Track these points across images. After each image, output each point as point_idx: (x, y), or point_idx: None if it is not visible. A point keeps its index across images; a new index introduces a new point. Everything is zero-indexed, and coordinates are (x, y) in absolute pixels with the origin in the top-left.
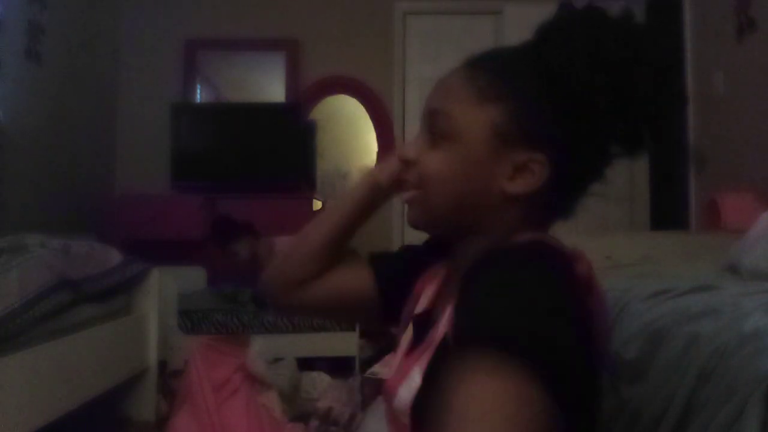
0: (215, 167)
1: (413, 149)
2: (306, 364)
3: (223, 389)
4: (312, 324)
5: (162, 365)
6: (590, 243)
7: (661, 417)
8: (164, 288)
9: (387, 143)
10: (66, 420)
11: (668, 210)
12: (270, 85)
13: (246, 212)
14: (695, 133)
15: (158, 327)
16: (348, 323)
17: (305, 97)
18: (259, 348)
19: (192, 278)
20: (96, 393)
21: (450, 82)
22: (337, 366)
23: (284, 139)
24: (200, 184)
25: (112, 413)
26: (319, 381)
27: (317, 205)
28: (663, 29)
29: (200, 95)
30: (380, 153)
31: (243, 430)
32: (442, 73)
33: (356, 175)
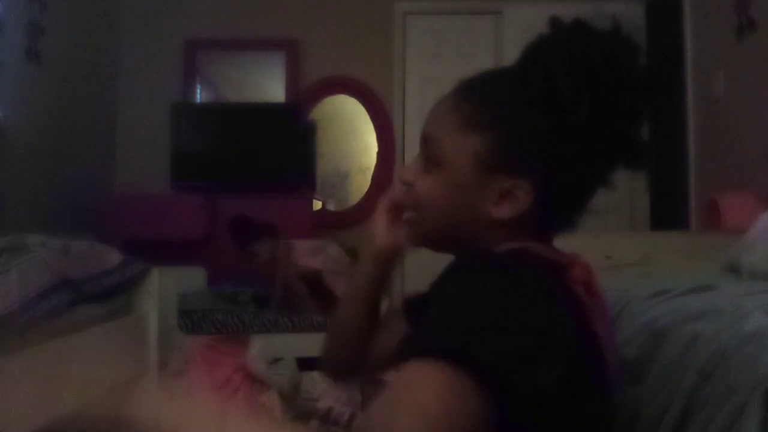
0: (215, 167)
1: (411, 172)
2: (306, 364)
3: (223, 389)
4: (312, 324)
5: (162, 365)
6: (590, 243)
7: (661, 417)
8: (164, 288)
9: (387, 143)
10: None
11: (668, 210)
12: (270, 85)
13: (246, 212)
14: (695, 133)
15: (158, 327)
16: None
17: (305, 97)
18: (259, 348)
19: (192, 278)
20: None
21: (440, 109)
22: None
23: (284, 139)
24: (200, 184)
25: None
26: (319, 381)
27: (317, 205)
28: (656, 41)
29: (200, 95)
30: (380, 153)
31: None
32: (442, 73)
33: (356, 176)
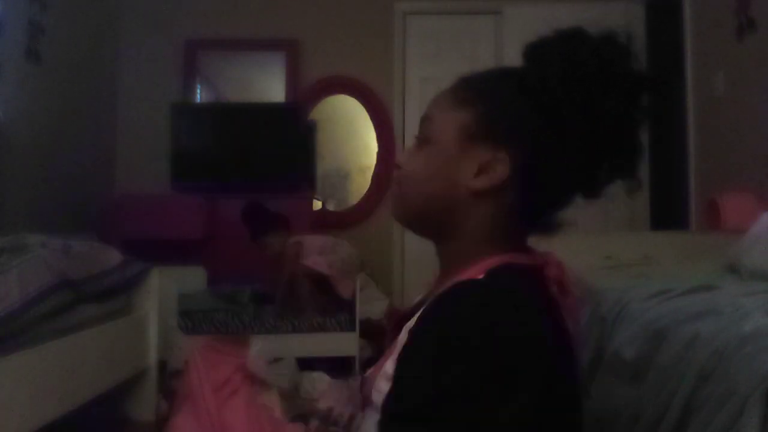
0: (215, 167)
1: (404, 154)
2: (306, 364)
3: (223, 389)
4: (312, 324)
5: (162, 365)
6: (590, 243)
7: (661, 417)
8: (164, 288)
9: (387, 143)
10: (66, 420)
11: (668, 210)
12: (270, 85)
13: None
14: (695, 133)
15: (158, 327)
16: None
17: (305, 97)
18: (259, 348)
19: (192, 278)
20: (96, 393)
21: (439, 95)
22: (337, 366)
23: (284, 139)
24: (200, 184)
25: (112, 413)
26: (319, 381)
27: (317, 205)
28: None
29: (200, 95)
30: (380, 153)
31: (243, 430)
32: (442, 73)
33: (356, 176)
